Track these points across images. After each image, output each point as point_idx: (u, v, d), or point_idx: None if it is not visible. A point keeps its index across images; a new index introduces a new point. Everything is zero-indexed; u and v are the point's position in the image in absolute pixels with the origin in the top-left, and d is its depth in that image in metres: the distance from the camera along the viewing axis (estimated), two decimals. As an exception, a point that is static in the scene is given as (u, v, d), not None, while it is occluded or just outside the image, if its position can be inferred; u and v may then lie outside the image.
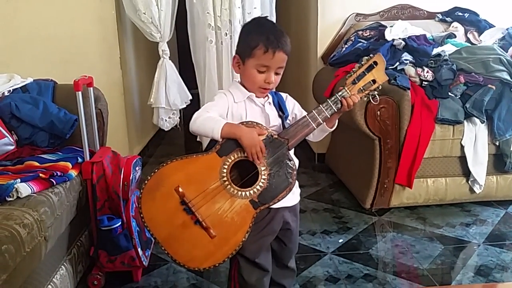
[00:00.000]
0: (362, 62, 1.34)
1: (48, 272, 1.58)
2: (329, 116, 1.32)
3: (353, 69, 1.34)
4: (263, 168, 1.27)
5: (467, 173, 2.46)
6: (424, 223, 2.40)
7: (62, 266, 1.69)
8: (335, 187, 2.96)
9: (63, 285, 1.66)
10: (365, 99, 1.36)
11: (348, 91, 1.32)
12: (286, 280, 1.53)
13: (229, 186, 1.26)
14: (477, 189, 2.47)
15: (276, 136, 1.29)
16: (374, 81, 1.33)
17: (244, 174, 1.30)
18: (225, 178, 1.26)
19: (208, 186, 1.25)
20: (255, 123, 1.28)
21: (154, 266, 2.00)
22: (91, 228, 1.86)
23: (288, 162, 1.29)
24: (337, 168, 3.11)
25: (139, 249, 1.80)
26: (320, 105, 1.32)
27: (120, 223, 1.76)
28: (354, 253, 2.10)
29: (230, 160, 1.26)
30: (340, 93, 1.32)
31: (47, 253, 1.48)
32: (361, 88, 1.33)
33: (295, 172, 1.29)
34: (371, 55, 1.36)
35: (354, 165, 2.75)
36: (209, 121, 1.26)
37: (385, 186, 2.43)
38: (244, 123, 1.28)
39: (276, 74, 1.32)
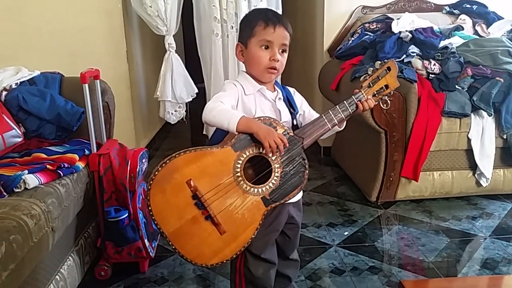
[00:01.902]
0: (377, 67, 1.34)
1: (56, 262, 1.60)
2: (344, 118, 1.31)
3: (368, 73, 1.34)
4: (277, 166, 1.25)
5: (473, 166, 2.45)
6: (430, 216, 2.39)
7: (70, 257, 1.71)
8: (340, 180, 2.96)
9: (71, 276, 1.68)
10: (376, 103, 1.36)
11: (364, 94, 1.32)
12: (290, 271, 1.55)
13: (242, 182, 1.23)
14: (483, 182, 2.46)
15: (292, 134, 1.27)
16: (386, 87, 1.34)
17: (257, 170, 1.28)
18: (238, 174, 1.22)
19: (221, 181, 1.22)
20: (272, 119, 1.26)
21: (161, 257, 2.01)
22: (98, 219, 1.88)
23: (301, 161, 1.27)
24: (343, 161, 3.10)
25: (145, 241, 1.81)
26: (337, 106, 1.31)
27: (127, 214, 1.77)
28: (359, 245, 2.10)
29: (244, 156, 1.23)
30: (356, 95, 1.32)
31: (55, 244, 1.49)
32: (375, 93, 1.34)
33: (307, 171, 1.28)
34: (385, 60, 1.37)
35: (360, 158, 2.75)
36: (225, 113, 1.23)
37: (391, 179, 2.43)
38: (262, 118, 1.25)
39: (282, 53, 1.31)
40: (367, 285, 1.79)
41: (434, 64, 2.42)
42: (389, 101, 1.37)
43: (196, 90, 3.03)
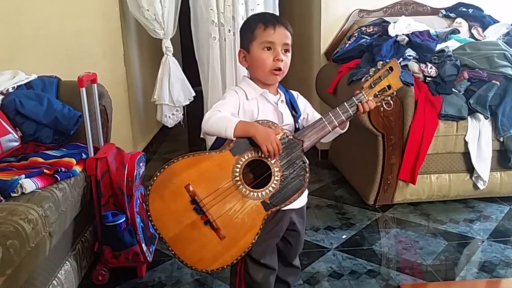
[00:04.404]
0: (378, 67, 1.32)
1: (53, 267, 1.59)
2: (345, 120, 1.30)
3: (370, 74, 1.32)
4: (276, 169, 1.24)
5: (470, 169, 2.46)
6: (428, 219, 2.39)
7: (67, 262, 1.70)
8: (338, 183, 2.96)
9: (68, 281, 1.67)
10: (379, 104, 1.34)
11: (365, 95, 1.30)
12: (290, 278, 1.54)
13: (241, 187, 1.22)
14: (481, 185, 2.46)
15: (291, 137, 1.26)
16: (389, 87, 1.32)
17: (256, 174, 1.27)
18: (237, 178, 1.22)
19: (220, 186, 1.21)
20: (270, 122, 1.25)
21: (158, 261, 2.01)
22: (96, 223, 1.87)
23: (302, 164, 1.26)
24: (341, 165, 3.11)
25: (143, 245, 1.81)
26: (337, 108, 1.30)
27: (124, 218, 1.77)
28: (357, 249, 2.10)
29: (243, 160, 1.22)
30: (357, 97, 1.30)
31: (52, 249, 1.49)
32: (377, 93, 1.32)
33: (308, 175, 1.26)
34: (387, 60, 1.35)
35: (358, 161, 2.75)
36: (221, 120, 1.22)
37: (389, 182, 2.43)
38: (260, 121, 1.25)
39: (285, 52, 1.30)
40: (365, 289, 1.79)
41: (431, 67, 2.43)
42: (391, 102, 1.35)
43: (194, 94, 3.03)
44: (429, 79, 2.43)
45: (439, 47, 2.55)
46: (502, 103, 2.35)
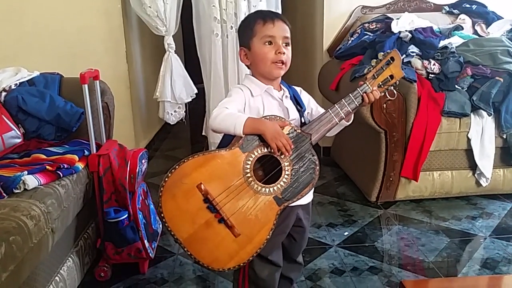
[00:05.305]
0: (380, 58, 1.34)
1: (55, 263, 1.60)
2: (351, 111, 1.31)
3: (372, 65, 1.34)
4: (286, 164, 1.24)
5: (473, 166, 2.45)
6: (430, 216, 2.39)
7: (69, 258, 1.71)
8: (340, 180, 2.96)
9: (70, 277, 1.68)
10: (382, 94, 1.35)
11: (369, 85, 1.31)
12: (293, 274, 1.55)
13: (253, 183, 1.22)
14: (483, 182, 2.46)
15: (299, 131, 1.26)
16: (391, 77, 1.34)
17: (266, 170, 1.27)
18: (249, 175, 1.22)
19: (232, 183, 1.21)
20: (277, 117, 1.26)
21: (161, 258, 2.01)
22: (98, 220, 1.87)
23: (311, 157, 1.26)
24: (343, 162, 3.10)
25: (145, 241, 1.81)
26: (342, 100, 1.31)
27: (126, 215, 1.77)
28: (359, 245, 2.10)
29: (253, 156, 1.22)
30: (362, 87, 1.31)
31: (54, 245, 1.49)
32: (380, 84, 1.33)
33: (318, 167, 1.27)
34: (388, 51, 1.36)
35: (360, 158, 2.75)
36: (230, 117, 1.22)
37: (391, 179, 2.43)
38: (267, 117, 1.25)
39: (285, 46, 1.31)
40: (367, 285, 1.79)
41: (434, 64, 2.42)
42: (395, 92, 1.37)
43: (196, 91, 3.02)
44: (432, 75, 2.42)
45: (442, 43, 2.54)
46: (505, 100, 2.34)
